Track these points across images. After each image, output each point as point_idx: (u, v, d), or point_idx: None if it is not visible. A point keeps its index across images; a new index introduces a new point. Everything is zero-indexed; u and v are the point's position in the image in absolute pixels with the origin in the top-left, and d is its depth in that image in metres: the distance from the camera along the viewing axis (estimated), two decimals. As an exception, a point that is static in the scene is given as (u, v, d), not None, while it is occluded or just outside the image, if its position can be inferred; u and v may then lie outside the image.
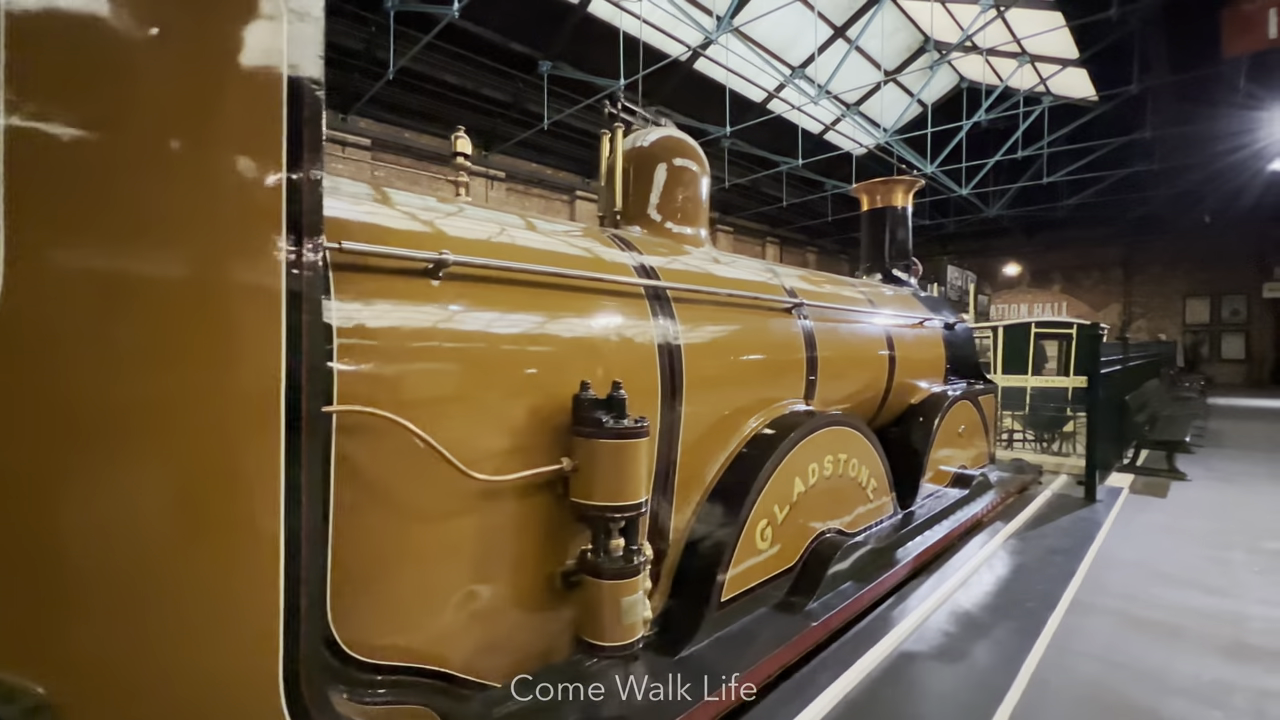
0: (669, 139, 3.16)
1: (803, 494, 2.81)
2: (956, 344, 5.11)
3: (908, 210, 5.59)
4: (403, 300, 1.64)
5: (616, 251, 2.44)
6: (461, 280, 1.77)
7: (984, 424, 5.07)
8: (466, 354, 1.73)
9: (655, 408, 2.29)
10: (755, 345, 2.87)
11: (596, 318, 2.13)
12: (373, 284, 1.59)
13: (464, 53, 11.25)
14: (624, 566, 1.86)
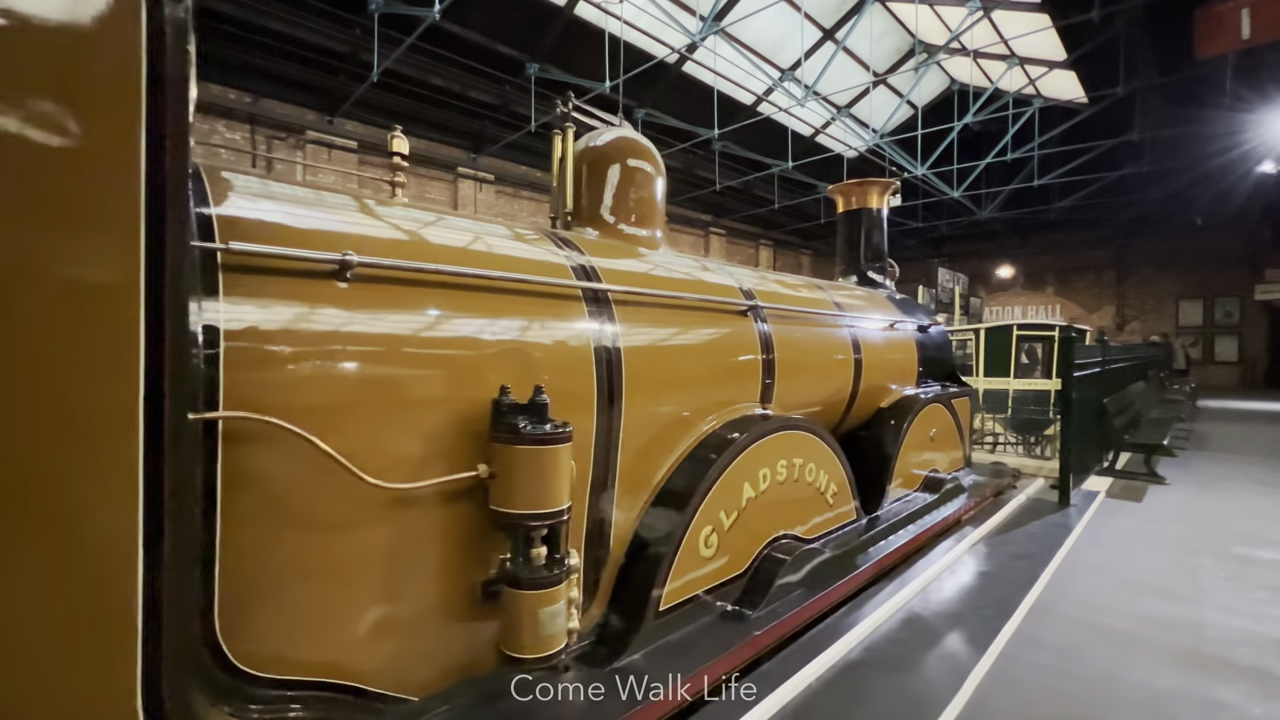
0: (623, 139, 3.12)
1: (753, 500, 2.76)
2: (930, 346, 5.07)
3: (883, 212, 5.56)
4: (306, 303, 1.59)
5: (553, 252, 2.40)
6: (373, 282, 1.73)
7: (958, 427, 5.03)
8: (376, 358, 1.69)
9: (590, 412, 2.25)
10: (705, 348, 2.83)
11: (524, 320, 2.08)
12: (272, 286, 1.55)
13: (450, 55, 11.23)
14: (543, 576, 1.81)
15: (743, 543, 2.74)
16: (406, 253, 1.86)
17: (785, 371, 3.31)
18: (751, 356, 3.09)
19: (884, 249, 5.59)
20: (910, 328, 4.87)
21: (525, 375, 2.01)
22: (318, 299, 1.61)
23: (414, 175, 13.26)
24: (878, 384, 4.34)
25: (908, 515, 4.04)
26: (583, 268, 2.44)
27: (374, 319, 1.70)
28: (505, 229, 2.42)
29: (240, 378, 1.44)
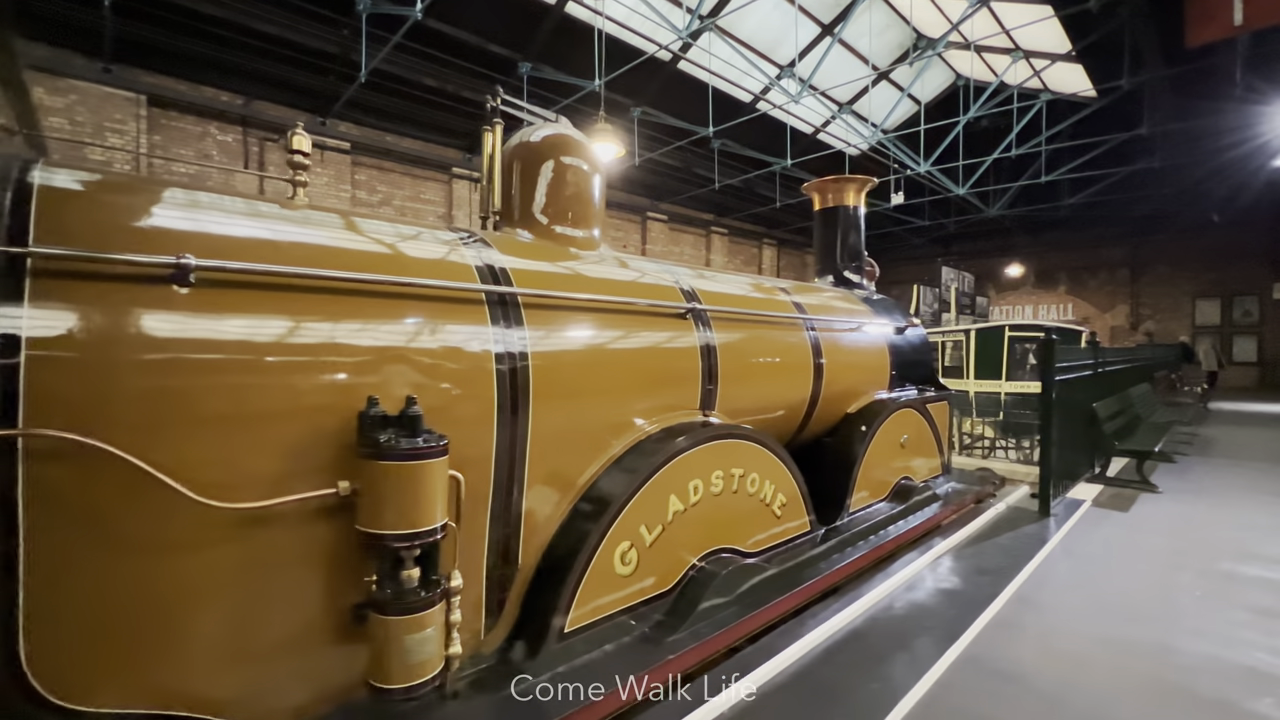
0: (557, 136, 3.00)
1: (681, 514, 2.63)
2: (905, 349, 4.88)
3: (859, 210, 5.39)
4: (137, 309, 1.49)
5: (459, 255, 2.28)
6: (222, 287, 1.62)
7: (935, 433, 4.84)
8: (219, 369, 1.58)
9: (490, 423, 2.13)
10: (631, 353, 2.69)
11: (408, 326, 1.96)
12: (93, 291, 1.45)
13: (442, 55, 11.18)
14: (409, 600, 1.69)
15: (670, 559, 2.61)
16: (272, 256, 1.75)
17: (730, 376, 3.17)
18: (690, 361, 2.96)
19: (861, 248, 5.42)
20: (883, 330, 4.69)
21: (408, 385, 1.90)
22: (152, 305, 1.51)
23: (409, 176, 13.27)
24: (844, 388, 4.18)
25: (871, 526, 3.88)
26: (491, 270, 2.32)
27: (218, 326, 1.59)
28: (411, 230, 2.31)
29: (46, 391, 1.34)
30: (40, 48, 8.90)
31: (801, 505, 3.37)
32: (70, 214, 1.50)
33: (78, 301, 1.42)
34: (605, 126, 8.35)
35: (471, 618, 2.15)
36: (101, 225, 1.53)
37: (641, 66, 13.02)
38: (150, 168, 10.22)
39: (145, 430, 1.45)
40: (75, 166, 1.65)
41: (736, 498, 2.93)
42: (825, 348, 3.94)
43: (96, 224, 1.53)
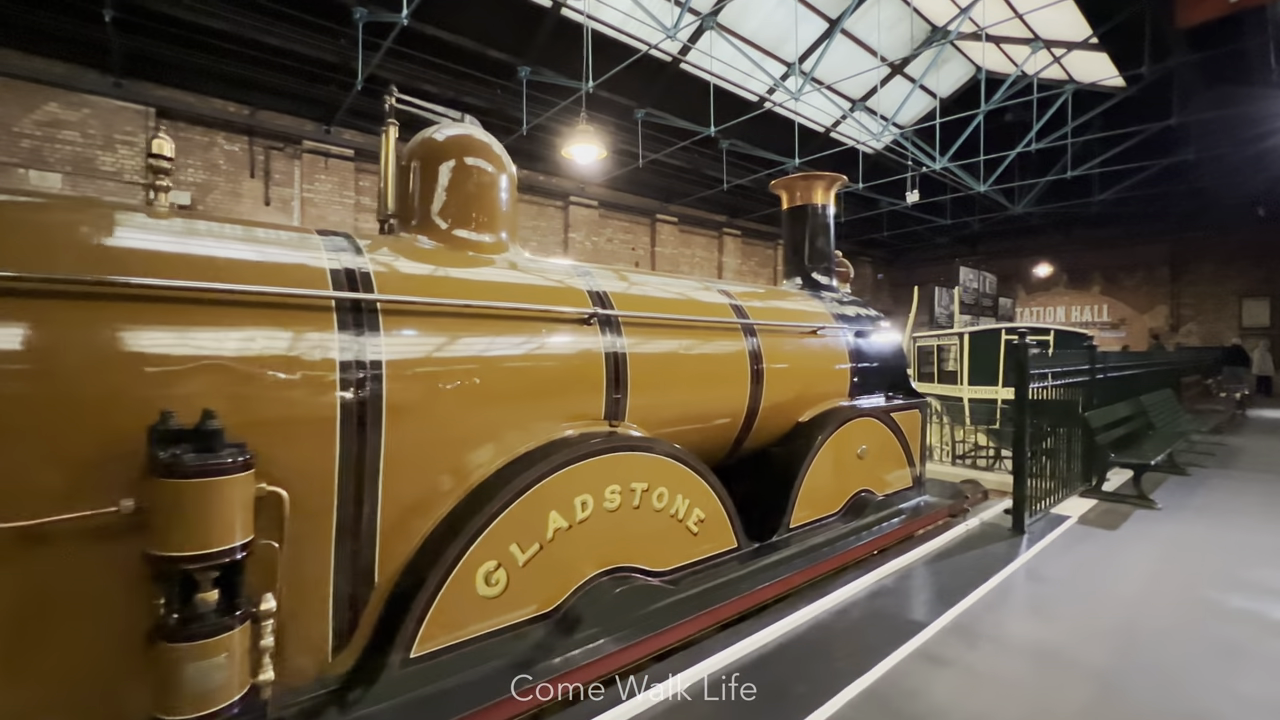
0: (459, 136, 2.90)
1: (565, 531, 2.49)
2: (871, 354, 4.63)
3: (829, 209, 5.15)
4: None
5: (312, 258, 2.19)
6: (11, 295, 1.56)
7: (902, 443, 4.57)
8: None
9: (332, 436, 2.03)
10: (517, 361, 2.56)
11: (232, 334, 1.87)
12: None
13: (440, 61, 11.28)
14: (192, 626, 1.60)
15: (554, 579, 2.47)
16: (87, 263, 1.68)
17: (645, 385, 3.02)
18: (591, 369, 2.81)
19: (830, 249, 5.18)
20: (843, 334, 4.45)
21: (226, 397, 1.82)
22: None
23: (413, 182, 13.41)
24: (793, 396, 3.97)
25: (815, 545, 3.66)
26: (349, 275, 2.23)
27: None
28: (269, 234, 2.23)
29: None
30: (56, 65, 9.30)
31: (726, 521, 3.19)
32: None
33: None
34: (586, 128, 8.26)
35: (317, 641, 2.06)
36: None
37: (644, 67, 12.93)
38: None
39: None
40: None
41: (640, 514, 2.77)
42: (768, 354, 3.74)
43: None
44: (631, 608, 2.62)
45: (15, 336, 1.56)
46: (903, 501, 4.57)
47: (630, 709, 2.23)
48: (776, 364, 3.80)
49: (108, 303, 1.70)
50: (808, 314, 4.32)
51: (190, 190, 10.55)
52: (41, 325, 1.60)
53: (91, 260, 1.72)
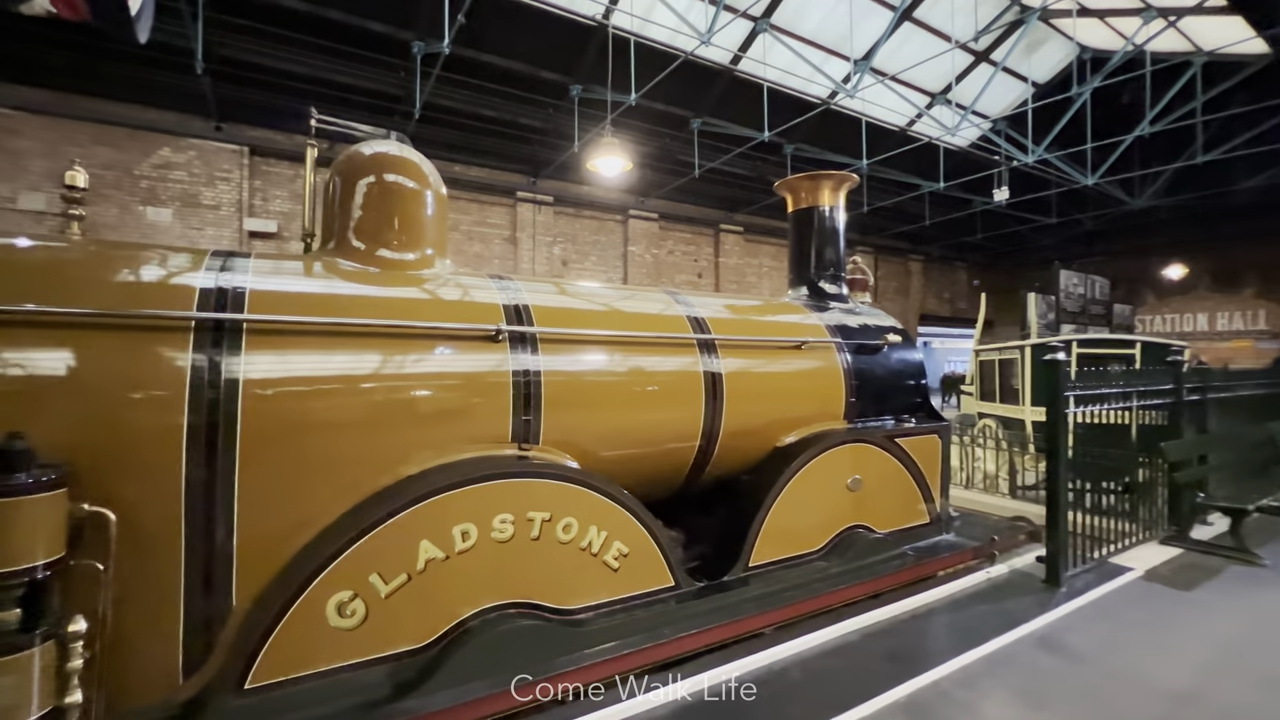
0: (378, 154, 2.89)
1: (441, 562, 2.34)
2: (874, 372, 4.11)
3: (838, 212, 4.69)
4: None
5: (181, 277, 2.22)
6: None
7: (913, 473, 4.01)
8: None
9: (178, 456, 2.02)
10: (402, 380, 2.46)
11: (62, 354, 1.91)
12: None
13: (495, 86, 11.74)
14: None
15: (426, 612, 2.33)
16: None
17: (562, 405, 2.82)
18: (496, 389, 2.66)
19: (840, 254, 4.70)
20: (839, 349, 3.98)
21: (60, 417, 1.86)
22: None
23: (476, 202, 14.06)
24: (766, 418, 3.59)
25: (783, 587, 3.25)
26: (220, 293, 2.24)
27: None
28: (145, 254, 2.29)
29: None
30: (169, 115, 10.69)
31: (657, 556, 2.89)
32: None
33: None
34: (611, 141, 8.18)
35: (168, 663, 2.05)
36: None
37: (698, 76, 12.76)
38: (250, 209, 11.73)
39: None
40: None
41: (541, 547, 2.57)
42: (732, 371, 3.41)
43: None
44: (521, 647, 2.42)
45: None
46: (914, 540, 3.99)
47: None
48: (744, 383, 3.45)
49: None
50: (793, 327, 3.91)
51: (277, 219, 11.70)
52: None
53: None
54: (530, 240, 14.52)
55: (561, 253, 15.28)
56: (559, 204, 15.11)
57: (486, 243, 14.21)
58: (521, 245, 14.45)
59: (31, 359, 1.87)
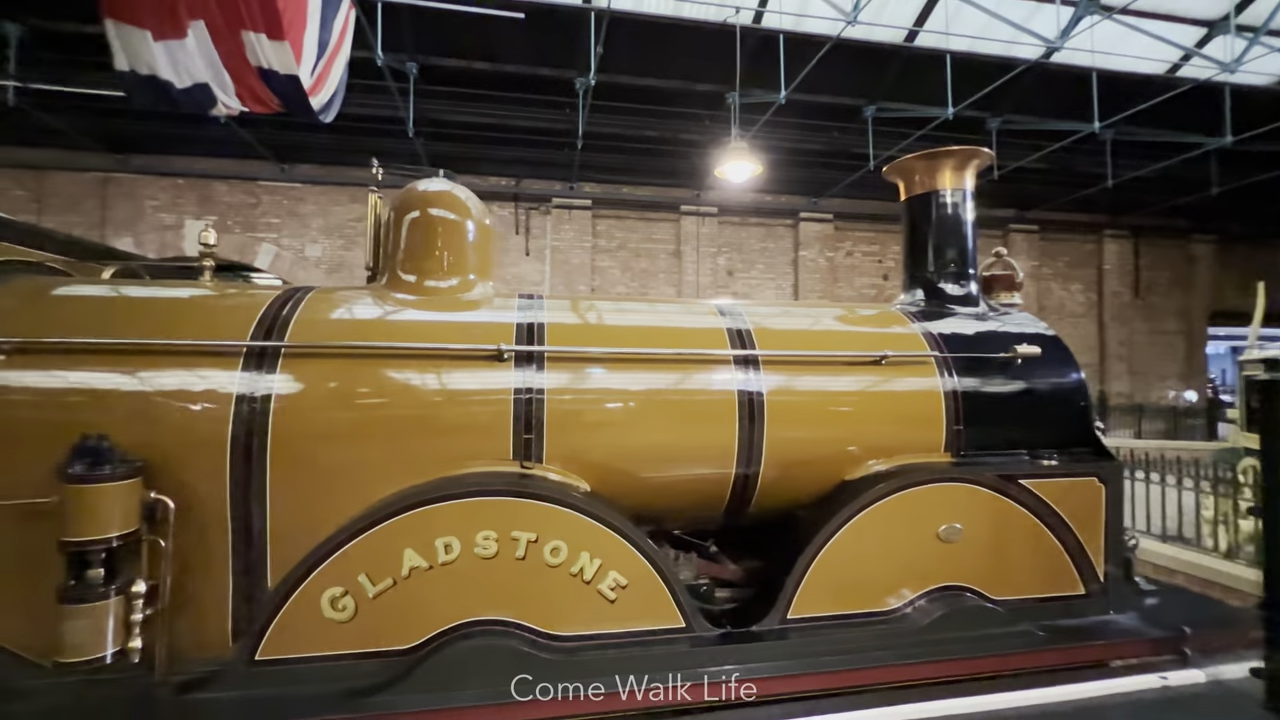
0: (416, 190, 3.21)
1: (425, 571, 2.47)
2: (1002, 393, 3.26)
3: (963, 196, 3.85)
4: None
5: (247, 312, 2.71)
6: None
7: (1053, 527, 3.07)
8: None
9: (224, 457, 2.47)
10: (410, 398, 2.67)
11: (150, 377, 2.47)
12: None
13: (656, 107, 12.13)
14: (69, 593, 2.16)
15: (410, 617, 2.47)
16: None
17: (567, 424, 2.79)
18: (496, 407, 2.73)
19: (966, 247, 3.84)
20: (939, 366, 3.24)
21: (142, 422, 2.41)
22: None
23: (643, 220, 14.70)
24: (828, 446, 3.11)
25: (833, 648, 2.75)
26: (271, 323, 2.68)
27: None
28: (223, 290, 2.86)
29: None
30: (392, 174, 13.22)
31: (663, 591, 2.67)
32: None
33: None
34: (739, 145, 7.79)
35: (218, 626, 2.50)
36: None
37: (868, 59, 11.67)
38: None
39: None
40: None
41: (526, 567, 2.55)
42: (776, 390, 3.01)
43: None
44: (499, 664, 2.43)
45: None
46: (1055, 616, 3.04)
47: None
48: (791, 403, 3.02)
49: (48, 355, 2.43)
50: (871, 338, 3.29)
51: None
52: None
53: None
54: (694, 252, 14.67)
55: (726, 263, 15.14)
56: (724, 214, 15.00)
57: (652, 258, 14.73)
58: (685, 258, 14.68)
59: (113, 380, 2.46)
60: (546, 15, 9.75)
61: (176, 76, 3.56)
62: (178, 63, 3.56)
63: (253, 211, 12.58)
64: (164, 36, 3.44)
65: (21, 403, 2.39)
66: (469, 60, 10.97)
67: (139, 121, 10.91)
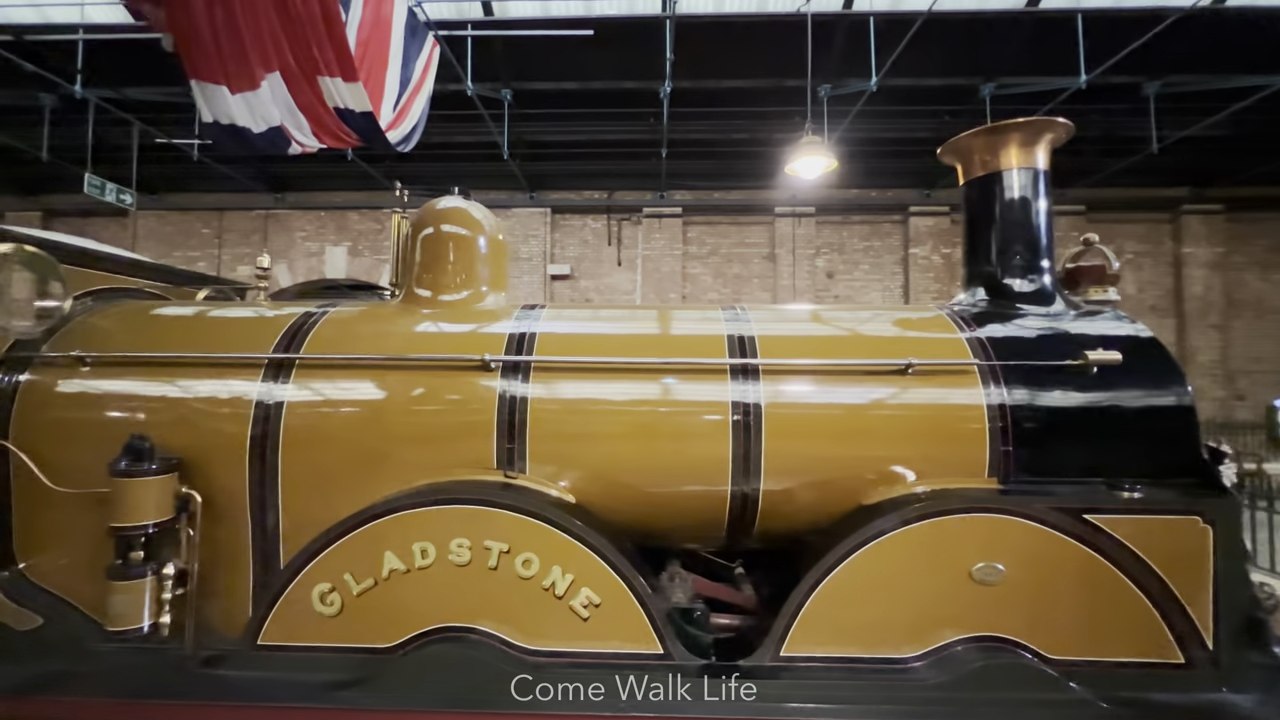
0: (429, 209, 3.37)
1: (403, 574, 2.56)
2: (1070, 409, 2.73)
3: (1036, 176, 3.29)
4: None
5: (271, 327, 3.01)
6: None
7: (1137, 575, 2.49)
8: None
9: (243, 459, 2.75)
10: (396, 406, 2.80)
11: (183, 385, 2.82)
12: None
13: (736, 108, 11.85)
14: (114, 570, 2.51)
15: (392, 617, 2.57)
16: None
17: (551, 433, 2.78)
18: (479, 415, 2.78)
19: (1039, 238, 3.28)
20: (984, 375, 2.78)
21: (185, 426, 2.76)
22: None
23: (734, 225, 14.34)
24: (841, 465, 2.79)
25: (824, 692, 2.45)
26: (290, 335, 2.96)
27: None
28: (255, 309, 3.18)
29: (17, 420, 2.81)
30: (502, 194, 14.16)
31: (639, 614, 2.53)
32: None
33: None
34: (813, 139, 7.26)
35: (242, 608, 2.78)
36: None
37: (984, 32, 10.52)
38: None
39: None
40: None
41: (499, 577, 2.55)
42: (775, 402, 2.76)
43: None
44: (468, 671, 2.45)
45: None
46: (1140, 689, 2.45)
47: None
48: (794, 416, 2.74)
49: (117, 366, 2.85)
50: (898, 343, 2.90)
51: (569, 263, 14.20)
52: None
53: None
54: (790, 255, 14.05)
55: (826, 264, 14.32)
56: (822, 213, 14.23)
57: (745, 263, 14.35)
58: (781, 261, 14.11)
59: (157, 389, 2.83)
60: (623, 28, 9.92)
61: (253, 122, 4.09)
62: (254, 110, 4.09)
63: (378, 236, 14.16)
64: (241, 89, 3.98)
65: (94, 405, 2.84)
66: (558, 81, 11.46)
67: (291, 164, 12.74)
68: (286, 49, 4.29)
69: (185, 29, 3.59)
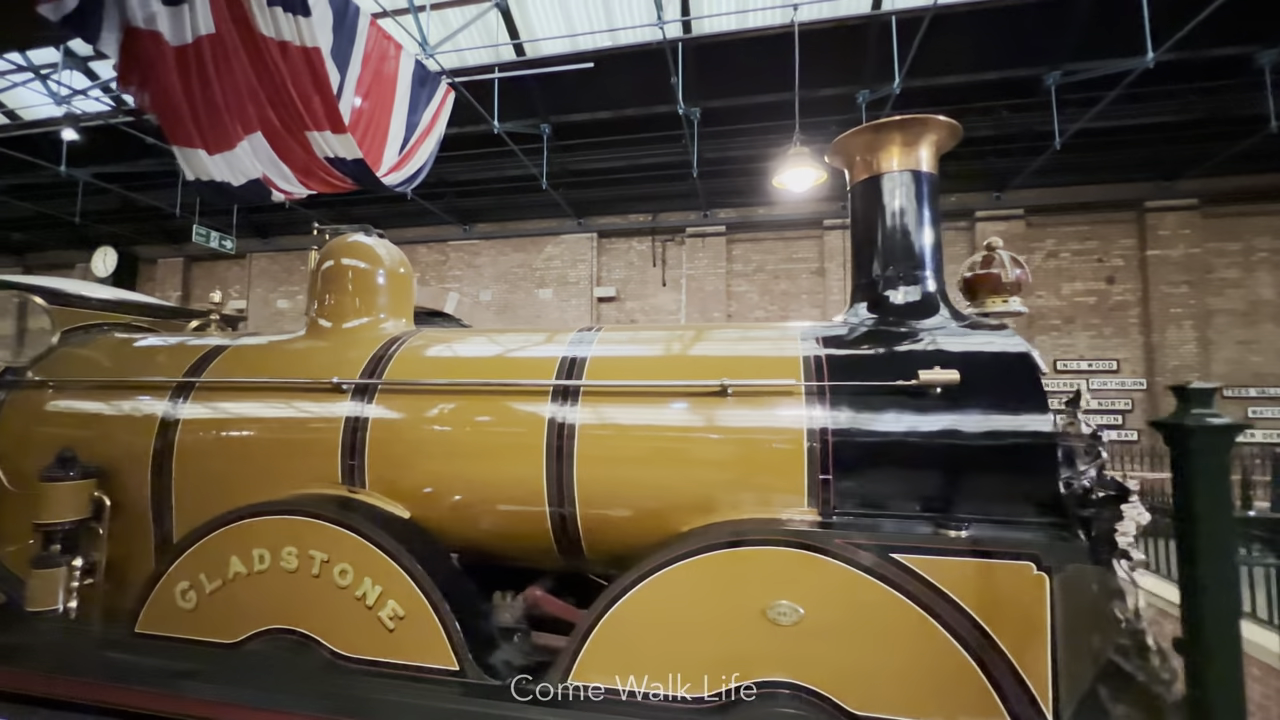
0: (333, 244, 3.71)
1: (244, 576, 2.83)
2: (908, 436, 2.47)
3: (917, 178, 3.04)
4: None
5: (197, 348, 3.47)
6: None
7: (955, 628, 2.19)
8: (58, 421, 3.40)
9: (146, 468, 3.20)
10: (263, 424, 3.11)
11: (100, 403, 3.32)
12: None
13: (765, 123, 11.61)
14: (36, 559, 3.01)
15: (235, 615, 2.84)
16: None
17: (386, 452, 2.96)
18: (326, 434, 3.02)
19: (924, 245, 3.01)
20: (809, 395, 2.58)
21: (103, 444, 3.27)
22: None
23: (781, 240, 13.92)
24: (654, 490, 2.71)
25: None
26: (203, 358, 3.40)
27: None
28: (165, 340, 3.67)
29: None
30: (551, 221, 14.81)
31: (438, 629, 2.60)
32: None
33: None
34: (800, 150, 6.91)
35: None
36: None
37: (1042, 17, 9.60)
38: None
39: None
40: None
41: (319, 584, 2.74)
42: (588, 424, 2.74)
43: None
44: (286, 671, 2.65)
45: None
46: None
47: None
48: (606, 438, 2.71)
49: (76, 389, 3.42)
50: (724, 364, 2.75)
51: (615, 285, 14.50)
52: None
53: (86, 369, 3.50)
54: (840, 269, 13.39)
55: (882, 278, 13.44)
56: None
57: (793, 279, 13.87)
58: (830, 276, 13.48)
59: (90, 408, 3.35)
60: (641, 56, 10.15)
61: (232, 177, 4.74)
62: (233, 167, 4.73)
63: (443, 266, 15.35)
64: (219, 150, 4.63)
65: (50, 421, 3.43)
66: (593, 112, 11.91)
67: (369, 206, 14.23)
68: (270, 111, 4.91)
69: (165, 106, 4.31)
